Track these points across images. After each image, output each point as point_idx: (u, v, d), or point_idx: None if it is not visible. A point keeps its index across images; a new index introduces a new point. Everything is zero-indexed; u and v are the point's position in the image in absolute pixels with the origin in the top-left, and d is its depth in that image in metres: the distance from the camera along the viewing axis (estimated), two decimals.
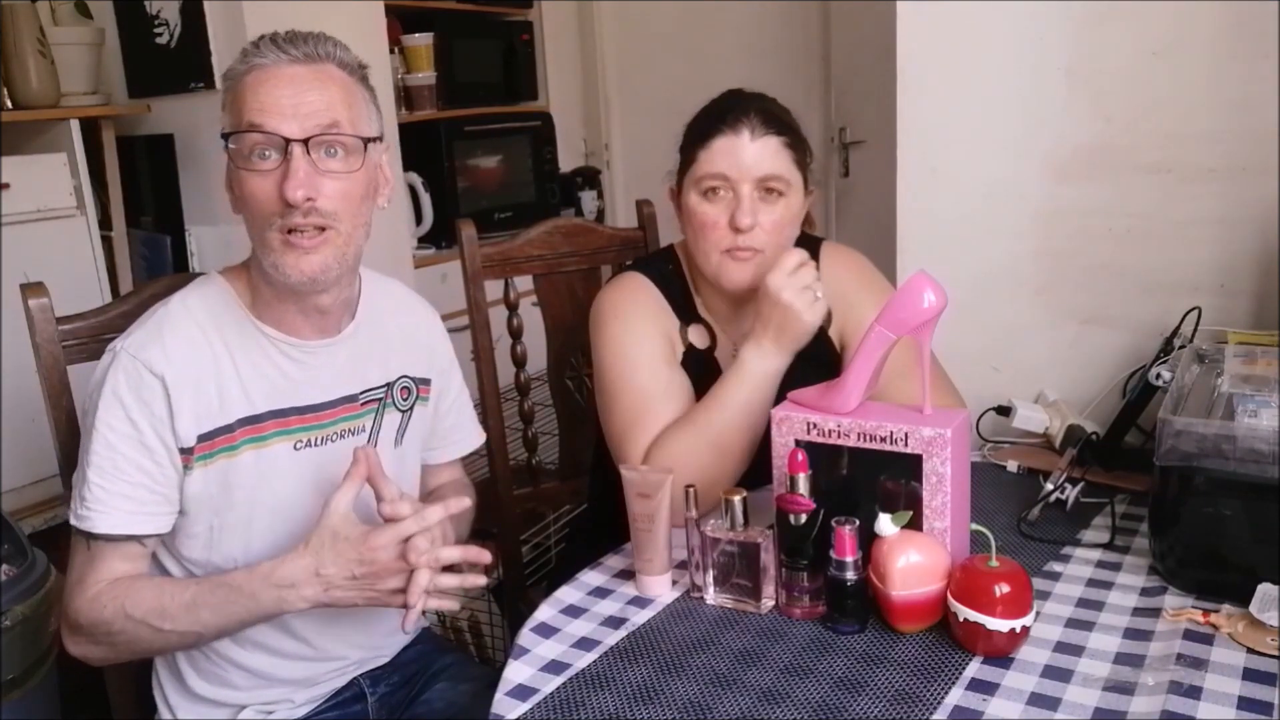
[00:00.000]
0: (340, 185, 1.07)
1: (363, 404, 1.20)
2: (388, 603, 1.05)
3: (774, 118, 1.28)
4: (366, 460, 1.05)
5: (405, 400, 1.25)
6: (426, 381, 1.29)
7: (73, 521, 1.09)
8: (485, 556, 1.07)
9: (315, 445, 1.16)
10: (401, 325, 1.27)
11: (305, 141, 1.04)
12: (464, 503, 1.07)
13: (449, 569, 1.06)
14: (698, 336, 1.37)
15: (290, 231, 1.05)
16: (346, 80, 1.10)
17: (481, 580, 1.07)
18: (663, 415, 1.27)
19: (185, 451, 1.08)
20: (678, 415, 1.27)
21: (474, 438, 1.41)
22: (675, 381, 1.31)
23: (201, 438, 1.09)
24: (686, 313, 1.37)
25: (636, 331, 1.32)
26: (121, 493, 1.07)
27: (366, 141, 1.10)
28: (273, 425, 1.13)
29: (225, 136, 1.07)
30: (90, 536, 1.08)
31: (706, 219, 1.27)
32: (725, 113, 1.28)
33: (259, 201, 1.06)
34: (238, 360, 1.12)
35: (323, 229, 1.06)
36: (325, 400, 1.17)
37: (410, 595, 1.02)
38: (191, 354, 1.09)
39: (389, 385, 1.24)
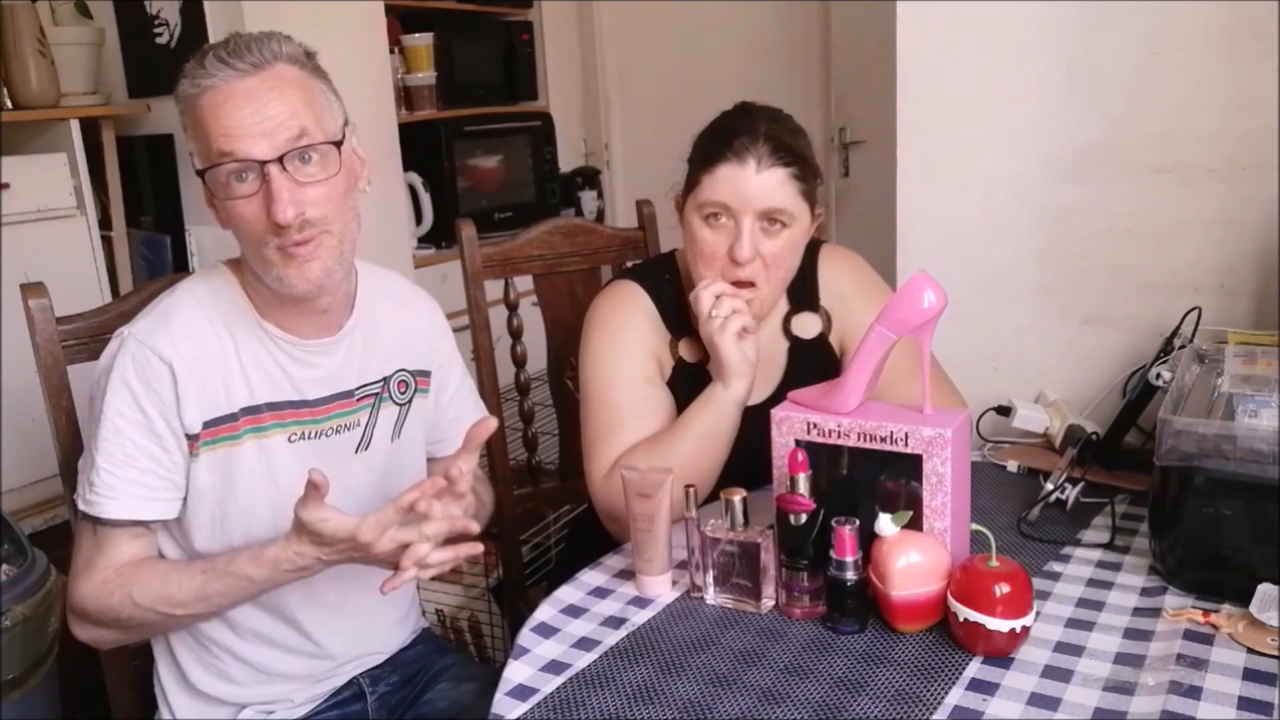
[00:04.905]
0: (323, 190, 1.07)
1: (358, 399, 1.21)
2: (381, 564, 1.03)
3: (783, 146, 1.23)
4: (319, 486, 1.00)
5: (403, 394, 1.25)
6: (426, 374, 1.29)
7: (81, 507, 1.09)
8: (474, 528, 1.05)
9: (310, 439, 1.17)
10: (399, 318, 1.27)
11: (280, 159, 1.04)
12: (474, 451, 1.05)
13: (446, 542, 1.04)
14: (689, 350, 1.36)
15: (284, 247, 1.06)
16: (301, 78, 1.08)
17: (478, 548, 1.04)
18: (632, 433, 1.27)
19: (191, 438, 1.10)
20: (650, 433, 1.28)
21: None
22: (653, 399, 1.31)
23: (207, 424, 1.10)
24: (680, 325, 1.36)
25: (620, 345, 1.32)
26: (131, 479, 1.08)
27: (338, 143, 1.09)
28: (270, 418, 1.14)
29: (201, 173, 1.07)
30: (98, 522, 1.09)
31: (706, 246, 1.26)
32: (733, 138, 1.24)
33: (249, 224, 1.06)
34: (241, 352, 1.13)
35: (315, 235, 1.07)
36: (321, 396, 1.17)
37: (404, 560, 1.00)
38: (198, 343, 1.10)
39: (385, 380, 1.23)
